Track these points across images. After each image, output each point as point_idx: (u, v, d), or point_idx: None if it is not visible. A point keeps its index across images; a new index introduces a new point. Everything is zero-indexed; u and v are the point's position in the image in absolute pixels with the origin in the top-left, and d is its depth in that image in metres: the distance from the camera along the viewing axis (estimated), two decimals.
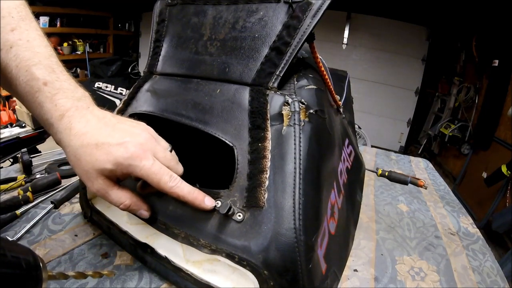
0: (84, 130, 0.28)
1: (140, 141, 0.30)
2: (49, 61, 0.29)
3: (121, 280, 0.38)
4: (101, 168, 0.28)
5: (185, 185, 0.31)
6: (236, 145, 0.35)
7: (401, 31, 3.45)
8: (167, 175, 0.30)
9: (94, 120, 0.29)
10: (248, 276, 0.31)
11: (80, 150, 0.28)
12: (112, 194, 0.30)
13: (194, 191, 0.32)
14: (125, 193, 0.31)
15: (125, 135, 0.29)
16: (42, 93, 0.28)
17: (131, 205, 0.31)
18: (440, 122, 3.20)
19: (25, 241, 0.43)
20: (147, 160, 0.29)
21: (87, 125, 0.29)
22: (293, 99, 0.36)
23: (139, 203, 0.33)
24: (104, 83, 2.21)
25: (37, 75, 0.28)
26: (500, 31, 2.32)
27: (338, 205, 0.43)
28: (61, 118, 0.28)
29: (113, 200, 0.30)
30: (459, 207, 0.68)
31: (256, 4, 0.39)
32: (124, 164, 0.28)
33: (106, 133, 0.29)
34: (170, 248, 0.37)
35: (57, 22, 3.64)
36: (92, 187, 0.29)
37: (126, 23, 4.69)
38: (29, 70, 0.27)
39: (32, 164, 0.64)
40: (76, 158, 0.28)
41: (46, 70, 0.28)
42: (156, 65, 0.47)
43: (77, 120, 0.28)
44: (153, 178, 0.29)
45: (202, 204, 0.32)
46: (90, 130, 0.28)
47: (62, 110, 0.28)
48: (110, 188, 0.30)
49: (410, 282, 0.43)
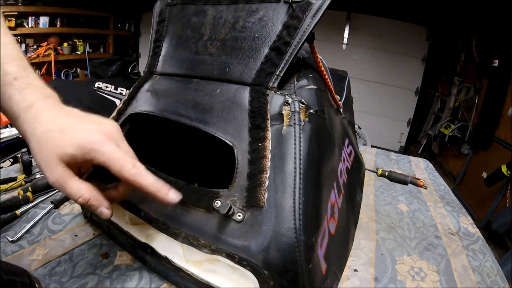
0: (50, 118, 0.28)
1: (105, 130, 0.29)
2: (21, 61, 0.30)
3: (121, 280, 0.38)
4: (62, 154, 0.27)
5: (149, 175, 0.30)
6: (236, 145, 0.35)
7: (401, 31, 3.45)
8: (130, 162, 0.29)
9: (62, 113, 0.29)
10: (248, 276, 0.31)
11: (44, 137, 0.28)
12: (71, 184, 0.28)
13: (158, 182, 0.30)
14: (85, 185, 0.29)
15: (92, 124, 0.29)
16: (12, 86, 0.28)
17: (91, 200, 0.29)
18: (440, 122, 3.19)
19: (25, 241, 0.43)
20: (110, 146, 0.28)
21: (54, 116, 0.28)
22: (293, 99, 0.36)
23: (99, 198, 0.30)
24: (104, 83, 2.21)
25: (8, 71, 0.29)
26: (500, 31, 2.32)
27: (338, 205, 0.43)
28: (29, 109, 0.28)
29: (71, 191, 0.28)
30: (459, 207, 0.68)
31: (256, 4, 0.39)
32: (86, 148, 0.27)
33: (73, 121, 0.29)
34: (170, 248, 0.37)
35: (57, 22, 3.64)
36: (51, 175, 0.28)
37: (126, 23, 4.69)
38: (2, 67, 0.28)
39: (32, 164, 0.64)
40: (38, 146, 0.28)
41: (17, 67, 0.29)
42: (156, 65, 0.47)
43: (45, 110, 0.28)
44: (116, 164, 0.28)
45: (165, 196, 0.30)
46: (57, 119, 0.28)
47: (30, 101, 0.28)
48: (69, 178, 0.28)
49: (410, 282, 0.43)
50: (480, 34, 2.65)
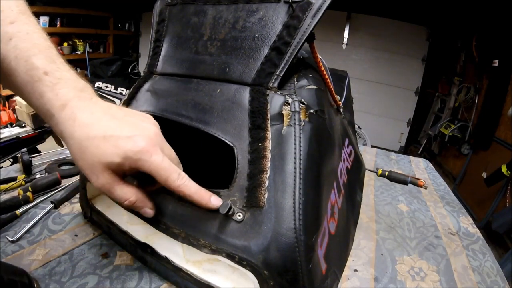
0: (89, 121, 0.27)
1: (149, 135, 0.29)
2: (49, 52, 0.28)
3: (121, 280, 0.38)
4: (108, 162, 0.27)
5: (192, 184, 0.31)
6: (236, 145, 0.35)
7: (401, 31, 3.45)
8: (175, 172, 0.29)
9: (99, 111, 0.28)
10: (248, 276, 0.31)
11: (86, 142, 0.27)
12: (118, 189, 0.29)
13: (200, 191, 0.31)
14: (131, 188, 0.30)
15: (134, 128, 0.29)
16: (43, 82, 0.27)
17: (137, 202, 0.30)
18: (440, 122, 3.20)
19: (25, 241, 0.43)
20: (157, 155, 0.28)
21: (92, 116, 0.27)
22: (293, 99, 0.36)
23: (144, 200, 0.32)
24: (104, 83, 2.21)
25: (37, 65, 0.27)
26: (500, 31, 2.32)
27: (338, 205, 0.43)
28: (63, 108, 0.27)
29: (118, 195, 0.29)
30: (459, 207, 0.68)
31: (256, 4, 0.39)
32: (133, 158, 0.27)
33: (114, 125, 0.28)
34: (170, 248, 0.37)
35: (57, 22, 3.64)
36: (97, 181, 0.28)
37: (126, 23, 4.69)
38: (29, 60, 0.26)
39: (32, 164, 0.64)
40: (81, 151, 0.27)
41: (46, 60, 0.27)
42: (156, 65, 0.47)
43: (81, 110, 0.27)
44: (162, 175, 0.29)
45: (208, 203, 0.31)
46: (96, 122, 0.27)
47: (64, 99, 0.27)
48: (116, 183, 0.29)
49: (410, 282, 0.43)
50: (480, 34, 2.65)
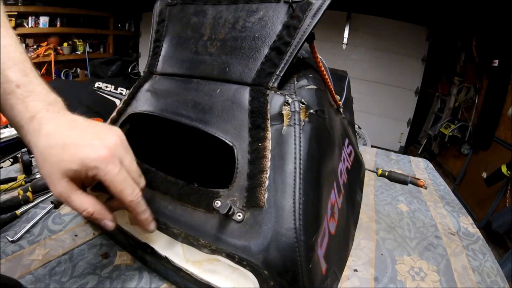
0: (52, 131, 0.28)
1: (108, 144, 0.29)
2: (23, 66, 0.29)
3: (121, 280, 0.38)
4: (66, 169, 0.27)
5: (143, 203, 0.32)
6: (236, 145, 0.35)
7: (401, 31, 3.45)
8: (130, 187, 0.30)
9: (65, 123, 0.29)
10: (248, 276, 0.31)
11: (47, 151, 0.28)
12: (75, 199, 0.29)
13: (147, 211, 0.32)
14: (89, 199, 0.30)
15: (94, 137, 0.29)
16: (15, 95, 0.28)
17: (95, 213, 0.30)
18: (440, 122, 3.19)
19: (25, 241, 0.43)
20: (114, 166, 0.28)
21: (56, 127, 0.28)
22: (293, 99, 0.36)
23: (103, 211, 0.31)
24: (104, 83, 2.21)
25: (10, 78, 0.28)
26: (500, 31, 2.32)
27: (338, 205, 0.43)
28: (32, 120, 0.28)
29: (75, 205, 0.29)
30: (459, 207, 0.68)
31: (256, 4, 0.39)
32: (89, 165, 0.28)
33: (75, 134, 0.28)
34: (170, 248, 0.37)
35: (57, 22, 3.64)
36: (55, 190, 0.28)
37: (126, 23, 4.69)
38: (3, 73, 0.27)
39: (32, 164, 0.64)
40: (42, 159, 0.28)
41: (20, 73, 0.28)
42: (156, 65, 0.47)
43: (47, 121, 0.28)
44: (116, 187, 0.29)
45: (149, 225, 0.33)
46: (59, 131, 0.28)
47: (32, 111, 0.28)
48: (73, 192, 0.29)
49: (410, 282, 0.43)
50: (480, 34, 2.65)
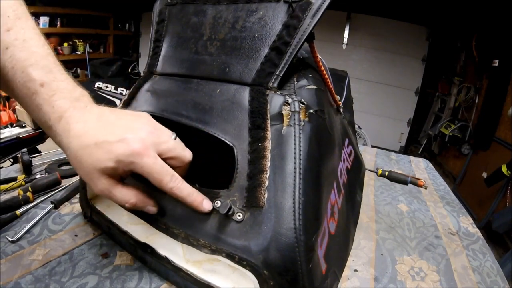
0: (82, 130, 0.28)
1: (141, 136, 0.29)
2: (46, 61, 0.28)
3: (121, 280, 0.38)
4: (102, 167, 0.28)
5: (185, 186, 0.31)
6: (236, 145, 0.35)
7: (401, 31, 3.45)
8: (168, 175, 0.30)
9: (93, 119, 0.29)
10: (248, 276, 0.31)
11: (80, 152, 0.28)
12: (117, 193, 0.29)
13: (193, 193, 0.32)
14: (130, 191, 0.31)
15: (125, 131, 0.29)
16: (39, 95, 0.27)
17: (137, 203, 0.31)
18: (440, 122, 3.20)
19: (25, 241, 0.43)
20: (149, 158, 0.29)
21: (85, 125, 0.28)
22: (293, 99, 0.36)
23: (145, 199, 0.32)
24: (104, 83, 2.21)
25: (33, 76, 0.27)
26: (500, 31, 2.32)
27: (338, 205, 0.43)
28: (59, 120, 0.28)
29: (118, 199, 0.30)
30: (459, 207, 0.68)
31: (256, 3, 0.39)
32: (125, 161, 0.28)
33: (106, 131, 0.28)
34: (170, 248, 0.37)
35: (57, 22, 3.64)
36: (96, 187, 0.29)
37: (126, 23, 4.69)
38: (26, 71, 0.27)
39: (32, 164, 0.64)
40: (77, 160, 0.28)
41: (43, 70, 0.27)
42: (156, 65, 0.47)
43: (75, 120, 0.28)
44: (155, 177, 0.29)
45: (199, 206, 0.32)
46: (89, 130, 0.28)
47: (60, 111, 0.27)
48: (114, 187, 0.29)
49: (410, 282, 0.43)
50: (480, 34, 2.65)
